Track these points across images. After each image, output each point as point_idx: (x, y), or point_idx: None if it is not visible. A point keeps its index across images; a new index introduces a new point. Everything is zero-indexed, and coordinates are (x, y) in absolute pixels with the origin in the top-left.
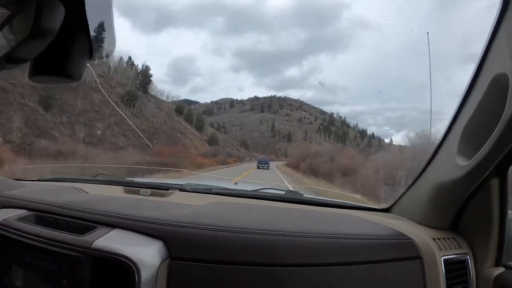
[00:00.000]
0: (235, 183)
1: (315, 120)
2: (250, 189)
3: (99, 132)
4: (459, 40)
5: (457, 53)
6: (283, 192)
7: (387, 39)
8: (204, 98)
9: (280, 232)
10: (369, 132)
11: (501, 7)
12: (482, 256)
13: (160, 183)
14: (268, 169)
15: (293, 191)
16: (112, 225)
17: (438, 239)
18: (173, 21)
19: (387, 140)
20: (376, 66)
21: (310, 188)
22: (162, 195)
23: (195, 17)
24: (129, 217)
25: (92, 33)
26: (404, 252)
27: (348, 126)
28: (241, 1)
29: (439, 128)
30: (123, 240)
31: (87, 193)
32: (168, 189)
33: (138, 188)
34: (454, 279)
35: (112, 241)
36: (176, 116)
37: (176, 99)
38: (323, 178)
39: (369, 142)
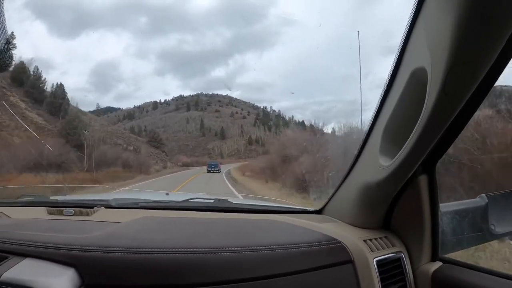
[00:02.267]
0: (167, 194)
1: (248, 114)
2: (180, 200)
3: None
4: (382, 33)
5: (381, 46)
6: (212, 201)
7: (313, 34)
8: (128, 104)
9: (199, 249)
10: (306, 123)
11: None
12: (417, 252)
13: (85, 200)
14: (219, 172)
15: (222, 199)
16: (23, 254)
17: (370, 240)
18: (93, 23)
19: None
20: (302, 62)
21: None
22: (86, 214)
23: (116, 18)
24: (40, 244)
25: None
26: (334, 257)
27: (283, 118)
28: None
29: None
30: (34, 270)
31: (9, 217)
32: (93, 207)
33: (61, 208)
34: (390, 279)
35: (22, 272)
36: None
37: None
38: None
39: (314, 134)
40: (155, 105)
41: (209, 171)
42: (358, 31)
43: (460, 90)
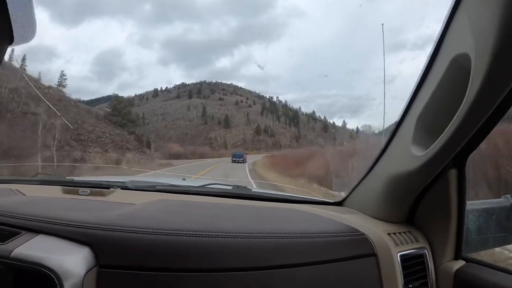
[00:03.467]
0: (183, 179)
1: (254, 104)
2: (197, 185)
3: None
4: (388, 29)
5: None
6: (231, 187)
7: (320, 27)
8: (130, 93)
9: (222, 233)
10: (316, 115)
11: None
12: (441, 249)
13: (101, 181)
14: (244, 162)
15: (241, 186)
16: (37, 231)
17: (394, 233)
18: (96, 10)
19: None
20: (308, 55)
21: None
22: (102, 194)
23: (121, 5)
24: (55, 221)
25: (12, 16)
26: (358, 249)
27: (291, 109)
28: None
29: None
30: (46, 247)
31: (24, 194)
32: (109, 188)
33: (77, 188)
34: (412, 275)
35: (33, 248)
36: None
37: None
38: None
39: (325, 127)
40: (155, 92)
41: (233, 161)
42: (382, 24)
43: (505, 76)
